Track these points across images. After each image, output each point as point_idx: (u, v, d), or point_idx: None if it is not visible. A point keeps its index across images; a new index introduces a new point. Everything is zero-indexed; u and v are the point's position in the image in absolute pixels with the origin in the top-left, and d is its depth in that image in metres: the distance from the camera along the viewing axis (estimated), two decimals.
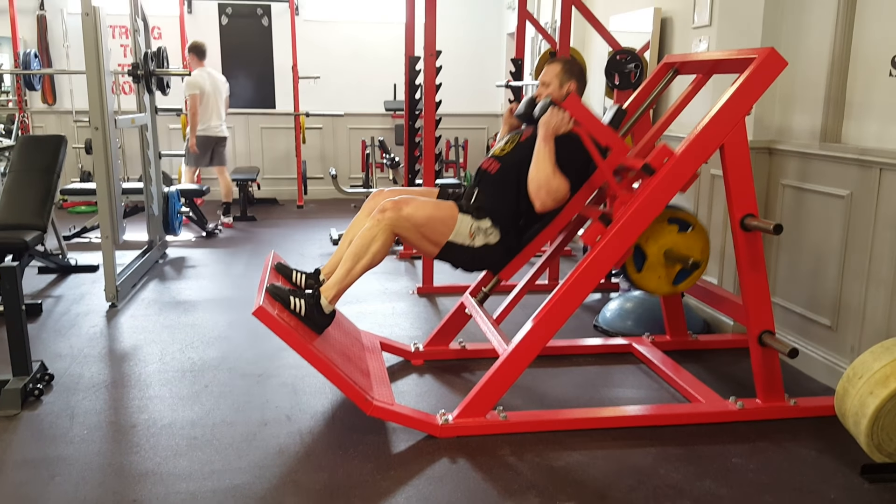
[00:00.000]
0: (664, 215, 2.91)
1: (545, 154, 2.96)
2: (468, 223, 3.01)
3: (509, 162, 3.14)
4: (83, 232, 6.32)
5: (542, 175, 2.95)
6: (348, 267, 2.91)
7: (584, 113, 2.94)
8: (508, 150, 3.20)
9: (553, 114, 2.97)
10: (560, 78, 3.21)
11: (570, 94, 2.99)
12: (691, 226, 2.97)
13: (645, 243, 2.93)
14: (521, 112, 3.33)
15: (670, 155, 2.79)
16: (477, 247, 3.03)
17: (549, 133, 2.97)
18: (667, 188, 2.79)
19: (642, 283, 3.00)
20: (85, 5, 4.12)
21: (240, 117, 8.62)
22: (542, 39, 6.33)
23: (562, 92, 3.18)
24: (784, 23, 3.62)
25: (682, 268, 2.96)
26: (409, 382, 3.36)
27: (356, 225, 3.16)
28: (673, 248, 2.94)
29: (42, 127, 8.29)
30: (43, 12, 8.10)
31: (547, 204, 2.99)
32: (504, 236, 3.08)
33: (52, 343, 3.79)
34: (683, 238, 2.96)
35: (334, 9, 8.67)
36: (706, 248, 2.98)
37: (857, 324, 3.18)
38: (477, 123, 9.02)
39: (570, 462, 2.62)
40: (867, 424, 2.42)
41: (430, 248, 3.03)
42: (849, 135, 3.33)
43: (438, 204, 3.03)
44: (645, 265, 2.96)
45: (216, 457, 2.64)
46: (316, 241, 6.44)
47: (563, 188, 2.98)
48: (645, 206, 2.78)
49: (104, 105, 4.24)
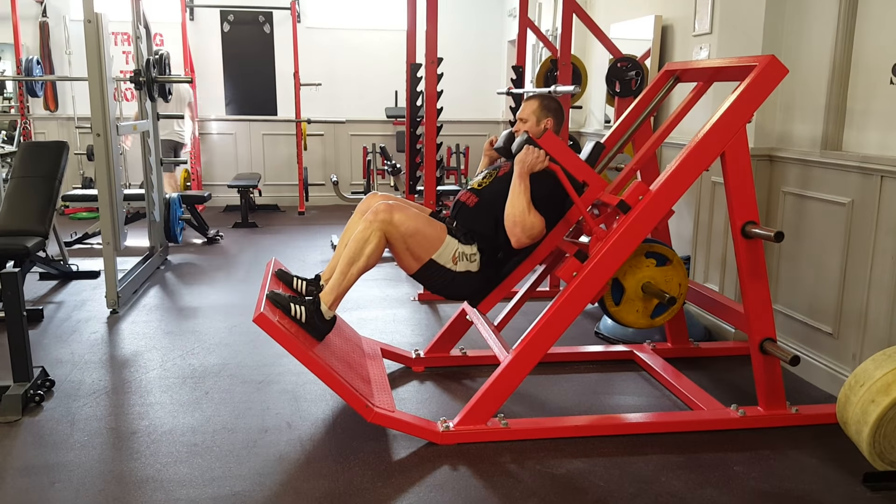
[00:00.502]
0: (642, 249, 2.91)
1: (520, 191, 2.96)
2: (454, 246, 3.02)
3: (486, 196, 3.15)
4: (84, 238, 6.33)
5: (517, 211, 2.96)
6: (344, 271, 2.91)
7: (560, 150, 2.94)
8: (486, 183, 3.22)
9: (528, 152, 2.97)
10: (537, 114, 3.23)
11: (546, 130, 3.00)
12: (669, 260, 2.96)
13: (623, 277, 2.93)
14: (499, 146, 3.35)
15: (645, 192, 2.80)
16: (457, 272, 3.03)
17: (525, 171, 2.97)
18: (642, 225, 2.79)
19: (620, 317, 2.99)
20: (87, 12, 4.13)
21: (241, 124, 8.65)
22: (544, 47, 6.34)
23: (538, 129, 3.19)
24: (785, 31, 3.62)
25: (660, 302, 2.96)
26: (410, 389, 3.36)
27: (351, 228, 3.17)
28: (651, 282, 2.94)
29: (44, 133, 8.30)
30: (45, 19, 8.12)
31: (522, 240, 2.99)
32: (484, 266, 3.09)
33: (53, 349, 3.79)
34: (661, 272, 2.95)
35: (336, 16, 8.69)
36: (684, 283, 2.97)
37: (858, 331, 3.17)
38: (478, 130, 9.03)
39: (571, 470, 2.62)
40: (869, 432, 2.41)
41: (411, 262, 3.02)
42: (850, 142, 3.34)
43: (430, 220, 3.04)
44: (623, 298, 2.96)
45: (216, 464, 2.63)
46: (317, 248, 6.44)
47: (537, 225, 2.98)
48: (621, 242, 2.78)
49: (106, 111, 4.25)
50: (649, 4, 5.20)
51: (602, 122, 6.18)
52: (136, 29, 5.36)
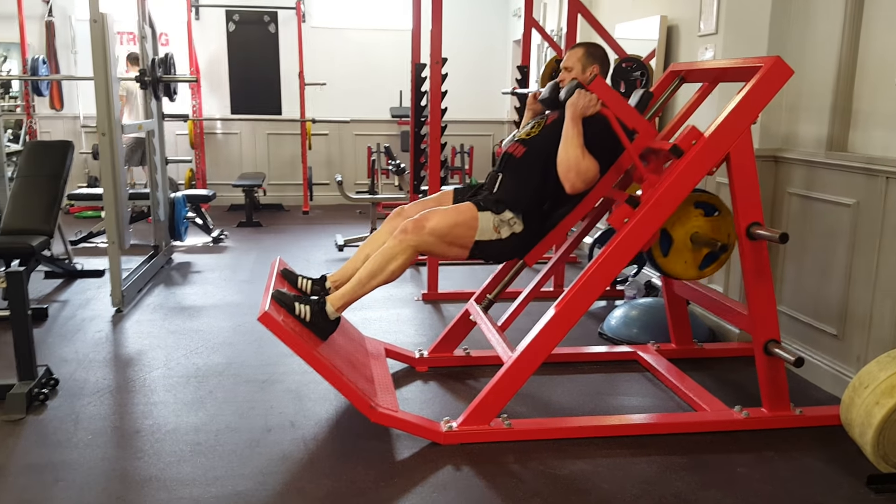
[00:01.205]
0: (690, 199, 2.90)
1: (573, 135, 2.95)
2: (490, 219, 3.00)
3: (536, 145, 3.13)
4: (89, 237, 6.34)
5: (572, 156, 2.94)
6: (363, 281, 2.91)
7: (611, 95, 2.93)
8: (535, 133, 3.19)
9: (580, 95, 2.96)
10: (583, 62, 3.22)
11: (595, 76, 2.99)
12: (718, 210, 2.96)
13: (671, 227, 2.92)
14: (545, 97, 3.31)
15: (699, 137, 2.78)
16: (505, 238, 3.02)
17: (577, 115, 2.96)
18: (694, 171, 2.78)
19: (668, 268, 2.99)
20: (93, 12, 4.14)
21: (246, 123, 8.66)
22: (548, 47, 6.34)
23: (586, 75, 3.17)
24: (790, 31, 3.62)
25: (709, 252, 2.96)
26: (414, 389, 3.36)
27: (375, 240, 3.14)
28: (699, 232, 2.93)
29: (49, 132, 8.32)
30: (51, 18, 8.15)
31: (577, 185, 2.97)
32: (527, 222, 3.07)
33: (57, 348, 3.80)
34: (710, 222, 2.95)
35: (341, 16, 8.70)
36: (733, 233, 2.96)
37: (863, 333, 3.16)
38: (482, 130, 9.03)
39: (574, 470, 2.62)
40: (873, 434, 2.41)
41: (459, 252, 3.02)
42: (855, 143, 3.33)
43: (457, 209, 3.02)
44: (671, 249, 2.95)
45: (220, 463, 2.64)
46: (321, 247, 6.45)
47: (592, 169, 2.96)
48: (672, 188, 2.77)
49: (111, 111, 4.26)
50: (654, 4, 5.19)
51: None
52: (141, 28, 5.37)
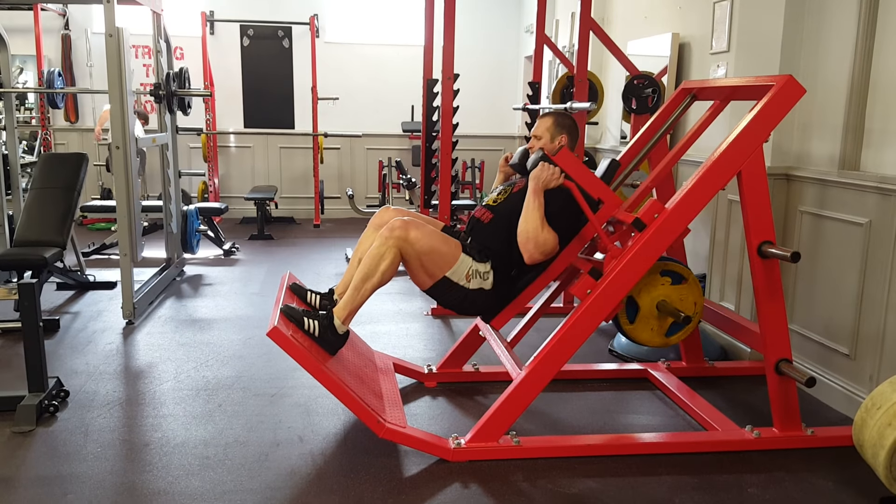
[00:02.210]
0: (657, 267, 2.90)
1: (534, 207, 2.96)
2: (468, 264, 3.02)
3: (501, 212, 3.16)
4: (102, 249, 6.39)
5: (531, 228, 2.95)
6: (358, 287, 2.92)
7: (575, 167, 2.94)
8: (501, 199, 3.22)
9: (543, 168, 2.98)
10: (551, 132, 3.25)
11: (561, 147, 3.00)
12: (685, 278, 2.95)
13: (638, 295, 2.91)
14: (514, 162, 3.36)
15: (660, 210, 2.79)
16: (471, 289, 3.03)
17: (539, 187, 2.97)
18: (657, 243, 2.78)
19: (635, 335, 2.97)
20: (109, 26, 4.19)
21: (259, 137, 8.71)
22: (560, 63, 6.36)
23: (553, 146, 3.19)
24: (802, 50, 3.61)
25: (675, 320, 2.94)
26: (422, 405, 3.35)
27: (364, 242, 3.17)
28: (666, 301, 2.92)
29: (64, 144, 8.41)
30: (67, 32, 8.25)
31: (535, 257, 2.98)
32: (498, 284, 3.09)
33: (68, 359, 3.82)
34: (676, 290, 2.93)
35: (354, 31, 8.76)
36: (699, 301, 2.95)
37: (875, 353, 3.14)
38: (493, 145, 9.05)
39: (583, 489, 2.60)
40: (885, 456, 2.38)
41: (424, 278, 3.02)
42: (868, 162, 3.32)
43: (445, 237, 3.04)
44: (637, 317, 2.94)
45: (228, 477, 2.64)
46: (332, 261, 6.46)
47: (550, 241, 2.97)
48: (636, 260, 2.77)
49: (126, 124, 4.30)
50: (666, 22, 5.20)
51: (618, 138, 6.18)
52: (156, 43, 5.43)
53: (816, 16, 3.54)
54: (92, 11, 8.27)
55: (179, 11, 8.16)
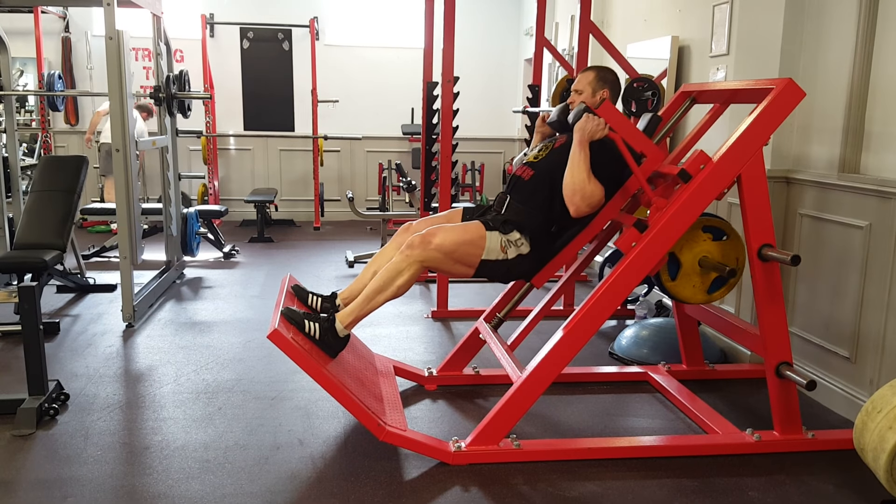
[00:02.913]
0: (699, 223, 2.90)
1: (580, 159, 2.95)
2: (497, 239, 3.00)
3: (543, 168, 3.13)
4: (102, 251, 6.39)
5: (577, 180, 2.94)
6: (370, 297, 2.91)
7: (619, 119, 2.94)
8: (542, 156, 3.19)
9: (588, 119, 2.96)
10: (593, 85, 3.23)
11: (604, 100, 2.99)
12: (726, 234, 2.95)
13: (679, 251, 2.91)
14: (553, 119, 3.33)
15: (707, 161, 2.78)
16: (511, 258, 3.02)
17: (585, 138, 2.96)
18: (703, 195, 2.77)
19: (676, 292, 2.97)
20: (109, 29, 4.19)
21: (259, 139, 8.72)
22: (560, 66, 6.37)
23: (595, 99, 3.18)
24: (802, 53, 3.62)
25: (718, 276, 2.94)
26: (423, 408, 3.35)
27: (383, 256, 3.15)
28: (708, 257, 2.92)
29: (64, 147, 8.41)
30: (68, 34, 8.25)
31: (581, 209, 2.97)
32: (535, 244, 3.06)
33: (68, 362, 3.81)
34: (718, 246, 2.94)
35: (354, 34, 8.77)
36: (742, 257, 2.95)
37: (876, 356, 3.14)
38: (494, 148, 9.05)
39: (583, 492, 2.60)
40: (886, 459, 2.38)
41: (465, 270, 3.01)
42: (868, 165, 3.32)
43: (465, 227, 3.01)
44: (679, 273, 2.94)
45: (228, 481, 2.63)
46: (332, 263, 6.46)
47: (597, 193, 2.96)
48: (680, 212, 2.77)
49: (126, 127, 4.30)
50: (666, 25, 5.21)
51: None
52: (156, 46, 5.43)
53: (816, 18, 3.55)
54: (92, 14, 8.27)
55: (179, 14, 8.17)
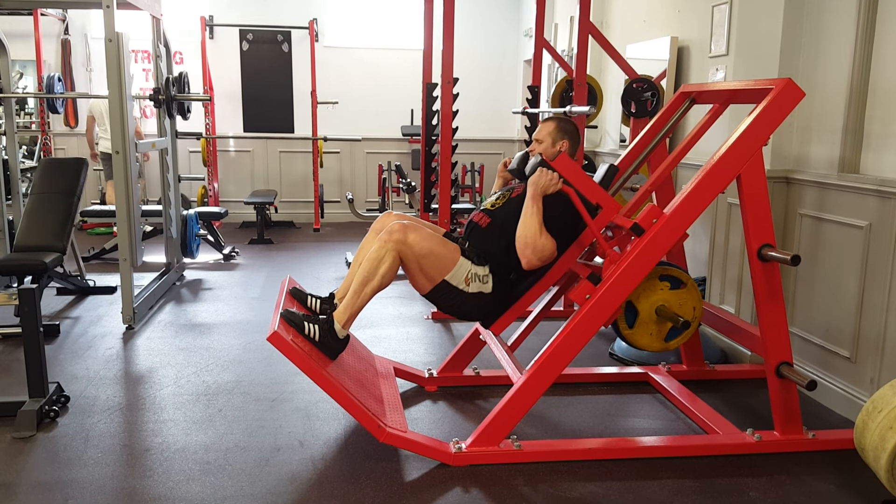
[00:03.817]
0: (656, 272, 2.90)
1: (532, 213, 2.95)
2: (467, 267, 3.01)
3: (499, 217, 3.14)
4: (102, 253, 6.38)
5: (529, 233, 2.94)
6: (357, 290, 2.91)
7: (573, 172, 2.93)
8: (499, 204, 3.21)
9: (542, 174, 2.96)
10: (553, 136, 3.23)
11: (560, 153, 3.00)
12: (684, 283, 2.94)
13: (636, 300, 2.91)
14: (513, 168, 3.36)
15: (659, 215, 2.78)
16: (470, 293, 3.02)
17: (538, 193, 2.95)
18: (656, 248, 2.77)
19: (634, 340, 2.96)
20: (108, 31, 4.19)
21: (259, 141, 8.72)
22: (559, 67, 6.36)
23: (554, 150, 3.18)
24: (801, 53, 3.62)
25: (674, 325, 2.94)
26: (423, 409, 3.35)
27: (365, 247, 3.17)
28: (665, 306, 2.91)
29: (64, 149, 8.41)
30: (67, 37, 8.25)
31: (532, 262, 2.96)
32: (497, 288, 3.07)
33: (68, 365, 3.81)
34: (676, 295, 2.93)
35: (354, 36, 8.78)
36: (698, 306, 2.95)
37: (876, 355, 3.14)
38: (493, 149, 9.05)
39: (584, 493, 2.60)
40: (887, 459, 2.38)
41: (424, 282, 3.01)
42: (867, 165, 3.32)
43: (443, 241, 3.03)
44: (637, 321, 2.93)
45: (228, 482, 2.63)
46: (332, 265, 6.46)
47: (548, 247, 2.95)
48: (634, 265, 2.77)
49: (126, 129, 4.30)
50: (665, 25, 5.21)
51: (618, 141, 6.18)
52: (156, 47, 5.44)
53: (815, 18, 3.55)
54: (91, 16, 8.28)
55: (179, 16, 8.17)
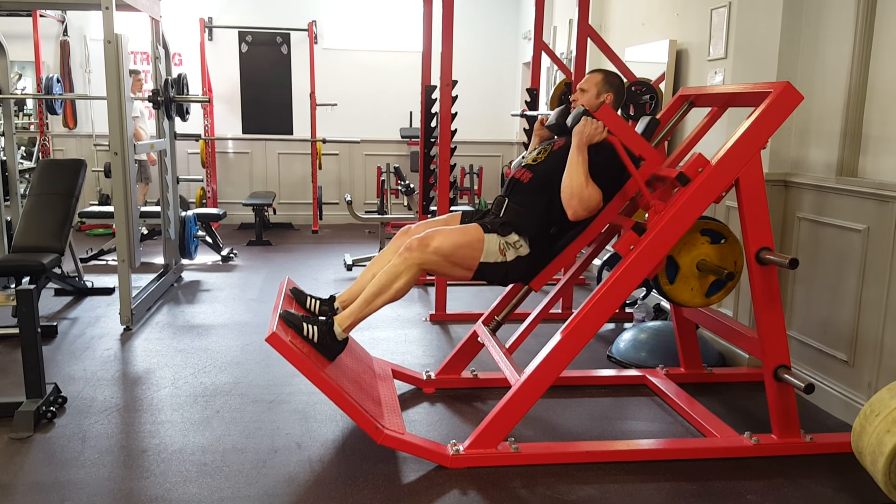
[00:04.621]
0: (697, 226, 2.90)
1: (578, 163, 2.95)
2: (496, 241, 2.99)
3: (542, 171, 3.12)
4: (100, 255, 6.38)
5: (575, 184, 2.94)
6: (368, 300, 2.91)
7: (617, 122, 2.94)
8: (541, 159, 3.18)
9: (587, 123, 2.96)
10: (599, 87, 3.23)
11: (602, 104, 3.00)
12: (724, 237, 2.95)
13: (677, 254, 2.91)
14: (552, 122, 3.33)
15: (705, 165, 2.78)
16: (510, 261, 3.01)
17: (583, 142, 2.96)
18: (701, 198, 2.78)
19: (675, 295, 2.98)
20: (107, 33, 4.19)
21: (258, 143, 8.72)
22: (558, 70, 6.37)
23: (597, 102, 3.18)
24: (800, 56, 3.62)
25: (716, 279, 2.95)
26: (421, 411, 3.34)
27: (381, 259, 3.15)
28: (706, 259, 2.92)
29: (62, 150, 8.41)
30: (66, 38, 8.25)
31: (579, 213, 2.96)
32: (534, 246, 3.06)
33: (66, 365, 3.81)
34: (716, 249, 2.94)
35: (353, 38, 8.78)
36: (740, 260, 2.96)
37: (874, 359, 3.14)
38: (492, 151, 9.06)
39: (581, 496, 2.59)
40: (884, 463, 2.38)
41: (463, 273, 3.01)
42: (866, 169, 3.32)
43: (463, 229, 3.01)
44: (677, 276, 2.94)
45: (226, 484, 2.63)
46: (330, 267, 6.46)
47: (595, 197, 2.95)
48: (679, 215, 2.77)
49: (124, 130, 4.30)
50: (664, 29, 5.22)
51: None
52: (155, 49, 5.44)
53: (814, 22, 3.55)
54: (90, 18, 8.27)
55: (178, 18, 8.16)
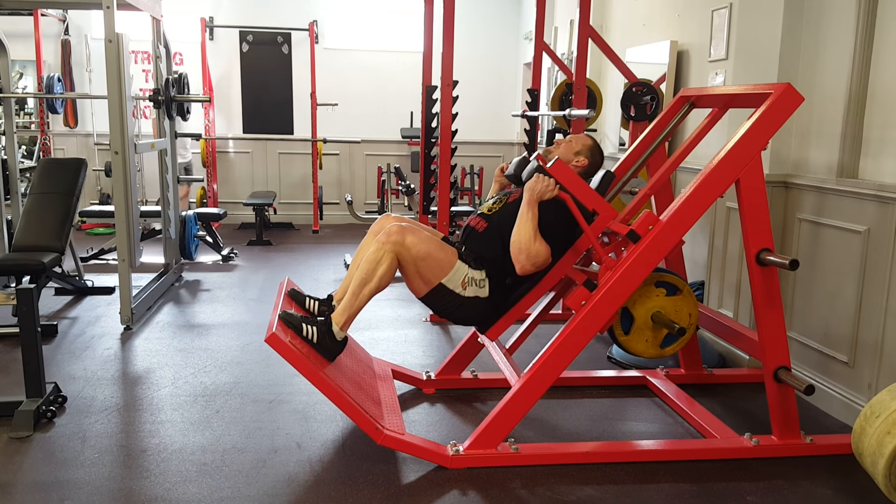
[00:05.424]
0: (652, 278, 2.89)
1: (528, 218, 2.94)
2: (464, 271, 3.00)
3: (495, 221, 3.14)
4: (100, 254, 6.37)
5: (524, 239, 2.93)
6: (356, 292, 2.91)
7: (570, 178, 2.92)
8: (496, 209, 3.20)
9: (538, 180, 2.96)
10: (581, 150, 3.24)
11: (556, 160, 2.98)
12: (679, 290, 2.94)
13: (632, 306, 2.90)
14: (510, 173, 3.35)
15: (655, 222, 2.78)
16: (466, 297, 3.01)
17: (534, 198, 2.95)
18: (651, 255, 2.77)
19: (629, 346, 2.96)
20: (108, 32, 4.19)
21: (258, 143, 8.72)
22: (559, 70, 6.37)
23: (568, 157, 3.20)
24: (801, 58, 3.62)
25: (669, 332, 2.94)
26: (421, 411, 3.34)
27: (363, 249, 3.16)
28: (661, 312, 2.91)
29: (63, 149, 8.41)
30: (67, 37, 8.25)
31: (526, 268, 2.95)
32: (494, 292, 3.06)
33: (66, 365, 3.81)
34: (671, 302, 2.93)
35: (353, 38, 8.78)
36: (694, 313, 2.95)
37: (874, 360, 3.14)
38: (492, 151, 9.05)
39: (581, 497, 2.59)
40: (885, 465, 2.38)
41: (420, 285, 3.00)
42: (866, 170, 3.32)
43: (441, 244, 3.02)
44: (632, 328, 2.93)
45: (225, 484, 2.63)
46: (330, 267, 6.46)
47: (542, 253, 2.94)
48: (630, 272, 2.76)
49: (125, 129, 4.30)
50: (665, 29, 5.22)
51: (617, 145, 6.19)
52: (156, 48, 5.44)
53: (815, 24, 3.55)
54: (91, 17, 8.27)
55: (179, 17, 8.17)
